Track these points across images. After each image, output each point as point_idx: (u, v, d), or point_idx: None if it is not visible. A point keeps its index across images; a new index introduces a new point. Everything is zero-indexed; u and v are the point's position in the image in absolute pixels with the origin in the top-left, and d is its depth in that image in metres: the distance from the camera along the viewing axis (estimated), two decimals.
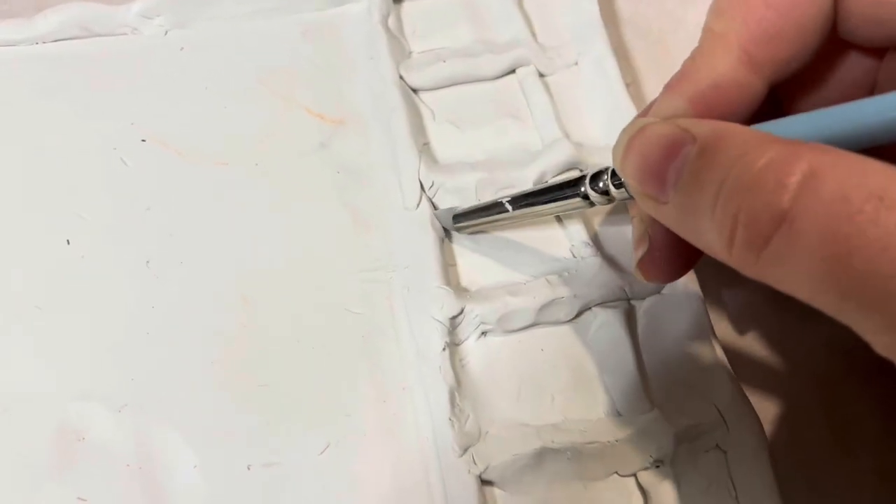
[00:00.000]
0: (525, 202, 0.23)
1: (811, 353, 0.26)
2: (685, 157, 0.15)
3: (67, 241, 0.25)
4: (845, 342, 0.20)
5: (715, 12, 0.18)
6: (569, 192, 0.21)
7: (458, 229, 0.25)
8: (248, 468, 0.22)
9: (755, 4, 0.18)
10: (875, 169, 0.12)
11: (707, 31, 0.18)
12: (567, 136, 0.27)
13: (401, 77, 0.28)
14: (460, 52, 0.29)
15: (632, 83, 0.30)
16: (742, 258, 0.14)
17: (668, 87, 0.19)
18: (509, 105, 0.28)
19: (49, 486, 0.22)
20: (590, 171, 0.20)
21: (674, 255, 0.20)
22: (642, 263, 0.21)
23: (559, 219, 0.26)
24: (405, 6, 0.30)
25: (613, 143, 0.21)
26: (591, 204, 0.21)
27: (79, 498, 0.22)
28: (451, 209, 0.25)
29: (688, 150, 0.15)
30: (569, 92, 0.29)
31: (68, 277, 0.24)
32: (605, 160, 0.26)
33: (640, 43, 0.32)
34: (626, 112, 0.27)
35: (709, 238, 0.15)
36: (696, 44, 0.19)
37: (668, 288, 0.25)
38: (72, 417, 0.22)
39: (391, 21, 0.29)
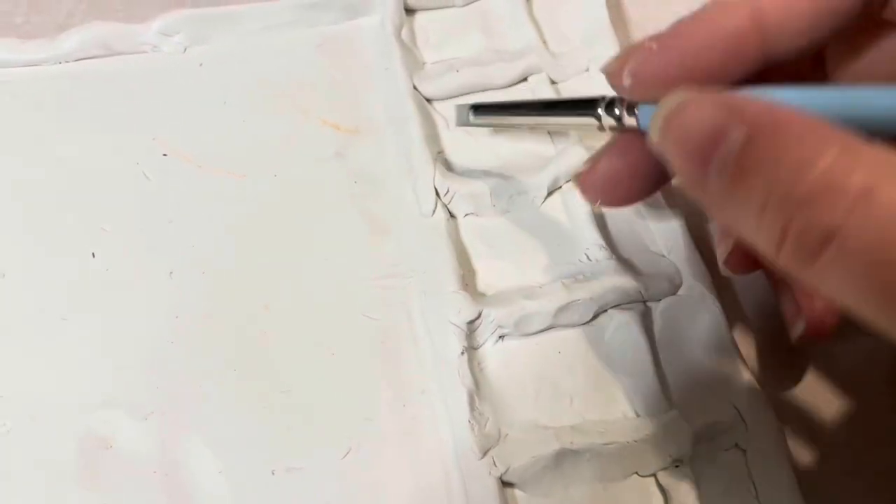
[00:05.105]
0: (537, 113, 0.23)
1: (829, 349, 0.26)
2: (732, 144, 0.14)
3: (93, 253, 0.25)
4: (865, 339, 0.20)
5: None
6: (584, 113, 0.20)
7: (474, 124, 0.25)
8: (272, 473, 0.22)
9: None
10: None
11: None
12: (579, 141, 0.27)
13: (415, 87, 0.28)
14: (473, 62, 0.29)
15: None
16: (789, 266, 0.14)
17: (664, 44, 0.18)
18: None
19: (76, 494, 0.22)
20: (609, 96, 0.20)
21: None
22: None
23: (572, 220, 0.26)
24: (418, 18, 0.31)
25: None
26: (602, 128, 0.20)
27: None
28: (467, 104, 0.25)
29: (735, 137, 0.14)
30: None
31: (94, 289, 0.25)
32: None
33: None
34: None
35: (752, 234, 0.14)
36: None
37: (684, 289, 0.25)
38: (98, 426, 0.23)
39: (404, 33, 0.30)
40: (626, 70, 0.18)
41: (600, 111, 0.20)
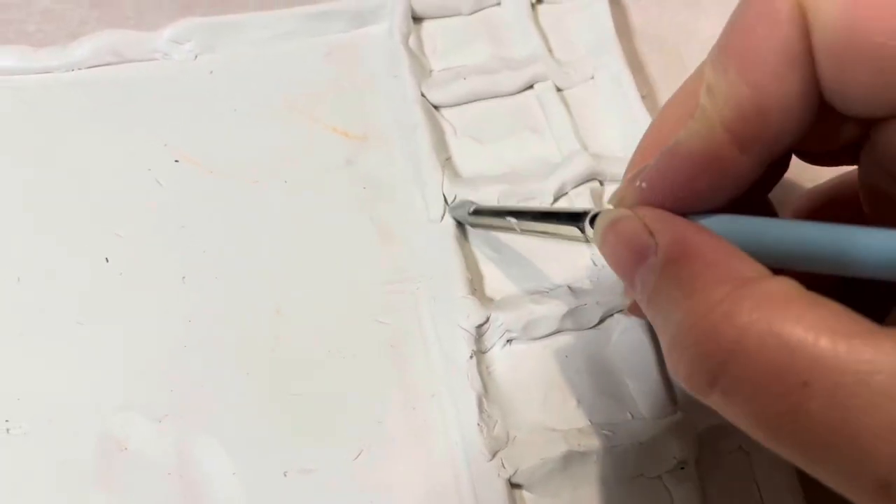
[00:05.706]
0: (528, 219, 0.23)
1: None
2: (649, 268, 0.16)
3: (106, 258, 0.26)
4: None
5: (705, 88, 0.16)
6: (569, 223, 0.21)
7: (472, 224, 0.26)
8: (285, 475, 0.23)
9: (734, 81, 0.16)
10: (805, 344, 0.12)
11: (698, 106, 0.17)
12: (585, 147, 0.28)
13: (422, 95, 0.29)
14: (479, 70, 0.30)
15: (647, 95, 0.31)
16: (692, 392, 0.15)
17: (652, 184, 0.17)
18: (528, 119, 0.29)
19: (93, 495, 0.22)
20: (594, 210, 0.20)
21: None
22: (633, 308, 0.21)
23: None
24: (425, 26, 0.31)
25: (630, 154, 0.21)
26: (587, 240, 0.20)
27: None
28: (466, 202, 0.26)
29: (650, 263, 0.16)
30: (586, 105, 0.30)
31: (108, 294, 0.25)
32: (622, 171, 0.26)
33: (654, 55, 0.32)
34: (642, 123, 0.28)
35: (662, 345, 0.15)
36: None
37: None
38: (114, 428, 0.23)
39: (412, 41, 0.30)
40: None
41: (585, 224, 0.20)
